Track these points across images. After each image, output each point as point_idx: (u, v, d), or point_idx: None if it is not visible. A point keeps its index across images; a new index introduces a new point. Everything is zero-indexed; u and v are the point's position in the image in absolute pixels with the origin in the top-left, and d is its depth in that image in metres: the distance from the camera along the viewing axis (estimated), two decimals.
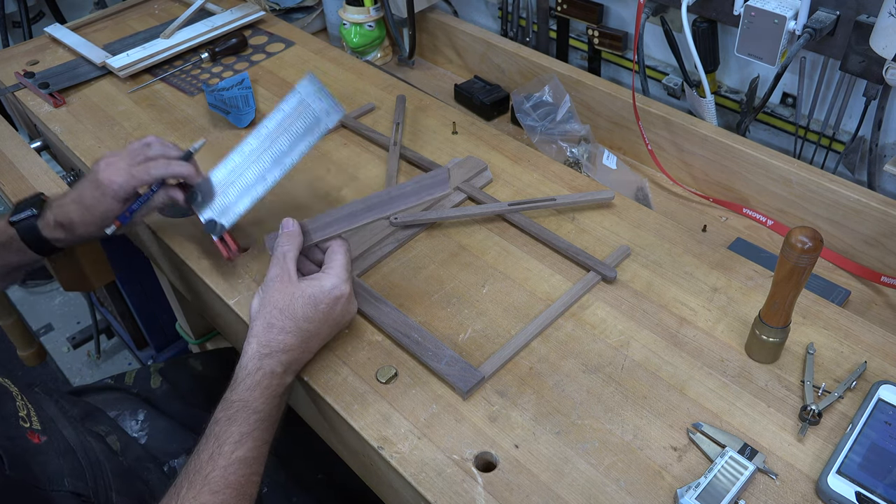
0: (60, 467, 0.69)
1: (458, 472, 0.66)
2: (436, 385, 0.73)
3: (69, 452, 0.73)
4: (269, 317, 0.70)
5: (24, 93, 1.22)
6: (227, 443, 0.65)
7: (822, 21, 0.89)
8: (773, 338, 0.71)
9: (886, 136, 0.96)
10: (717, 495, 0.62)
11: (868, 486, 0.62)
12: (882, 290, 0.91)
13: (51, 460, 0.69)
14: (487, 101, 1.25)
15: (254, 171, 0.83)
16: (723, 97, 1.11)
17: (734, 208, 1.04)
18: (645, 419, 0.69)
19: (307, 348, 0.72)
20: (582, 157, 1.08)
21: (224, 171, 0.84)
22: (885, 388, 0.68)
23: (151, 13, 1.44)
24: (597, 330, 0.78)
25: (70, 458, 0.72)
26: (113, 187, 0.79)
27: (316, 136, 0.82)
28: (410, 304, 0.82)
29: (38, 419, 0.72)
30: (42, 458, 0.69)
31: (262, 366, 0.68)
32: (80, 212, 0.81)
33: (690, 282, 0.82)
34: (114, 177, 0.80)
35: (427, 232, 0.91)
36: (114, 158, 0.82)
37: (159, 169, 0.81)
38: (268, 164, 0.83)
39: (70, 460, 0.72)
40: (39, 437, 0.70)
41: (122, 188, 0.80)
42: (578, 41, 1.27)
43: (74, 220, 0.81)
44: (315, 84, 0.83)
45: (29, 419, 0.71)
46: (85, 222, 0.81)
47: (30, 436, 0.69)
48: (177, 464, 0.90)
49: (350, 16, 1.33)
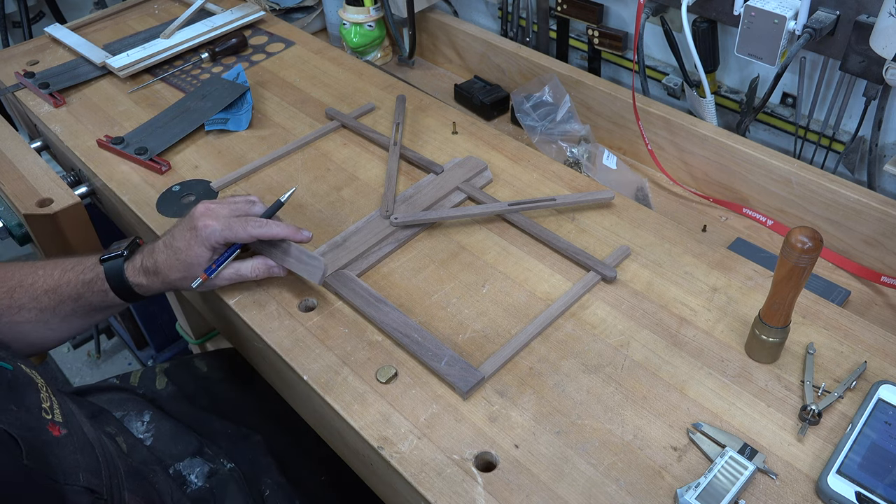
0: (77, 462, 0.69)
1: (458, 472, 0.66)
2: (436, 385, 0.73)
3: (87, 447, 0.73)
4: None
5: (24, 93, 1.22)
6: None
7: (822, 21, 0.89)
8: (773, 338, 0.71)
9: (886, 136, 0.96)
10: (717, 495, 0.62)
11: (868, 486, 0.62)
12: (882, 290, 0.91)
13: (68, 454, 0.69)
14: (487, 101, 1.25)
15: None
16: (723, 97, 1.11)
17: (734, 208, 1.04)
18: (645, 419, 0.69)
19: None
20: (582, 157, 1.08)
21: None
22: (885, 388, 0.68)
23: (151, 13, 1.44)
24: (597, 330, 0.78)
25: (87, 454, 0.72)
26: (206, 231, 0.77)
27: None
28: (410, 304, 0.82)
29: (61, 412, 0.72)
30: (60, 451, 0.68)
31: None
32: (168, 255, 0.78)
33: (690, 282, 0.82)
34: (210, 221, 0.77)
35: (427, 232, 0.91)
36: (214, 205, 0.79)
37: (258, 228, 0.78)
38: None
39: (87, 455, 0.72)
40: (60, 430, 0.70)
41: (215, 234, 0.77)
42: (578, 41, 1.27)
43: (160, 263, 0.79)
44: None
45: (51, 411, 0.71)
46: (171, 266, 0.78)
47: (50, 427, 0.69)
48: (181, 466, 0.90)
49: (350, 16, 1.33)
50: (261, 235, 0.79)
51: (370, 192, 0.97)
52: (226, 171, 1.02)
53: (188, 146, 1.08)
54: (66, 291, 0.81)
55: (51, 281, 0.81)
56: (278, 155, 1.04)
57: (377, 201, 0.96)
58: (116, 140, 1.06)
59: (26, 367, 0.73)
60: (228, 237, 0.78)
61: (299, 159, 1.04)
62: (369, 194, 0.97)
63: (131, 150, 1.05)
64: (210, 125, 1.10)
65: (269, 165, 1.03)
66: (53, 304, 0.80)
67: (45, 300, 0.80)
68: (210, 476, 0.89)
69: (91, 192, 1.11)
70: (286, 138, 1.08)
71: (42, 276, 0.81)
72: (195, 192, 0.99)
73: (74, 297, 0.81)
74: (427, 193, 0.94)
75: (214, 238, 0.77)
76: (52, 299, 0.80)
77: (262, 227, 0.79)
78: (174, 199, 0.98)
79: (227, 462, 0.91)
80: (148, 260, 0.80)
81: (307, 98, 1.16)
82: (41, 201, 0.98)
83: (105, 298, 0.81)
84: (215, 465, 0.90)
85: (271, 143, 1.07)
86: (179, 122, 1.11)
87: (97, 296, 0.81)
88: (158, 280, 0.80)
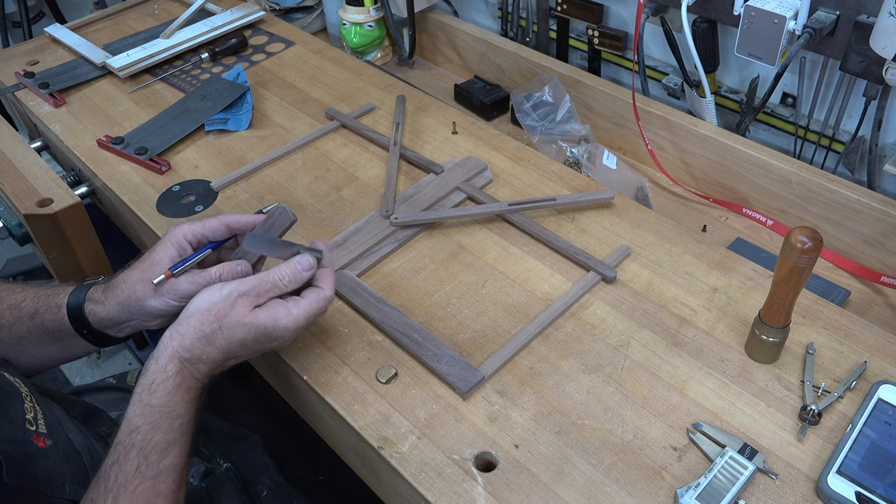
0: (63, 473, 0.69)
1: (458, 471, 0.66)
2: (436, 385, 0.73)
3: (73, 456, 0.72)
4: (208, 328, 0.66)
5: (24, 93, 1.22)
6: (154, 452, 0.62)
7: (822, 21, 0.89)
8: (773, 338, 0.71)
9: (886, 136, 0.96)
10: (717, 495, 0.62)
11: (868, 486, 0.62)
12: (882, 290, 0.91)
13: (54, 465, 0.68)
14: (487, 101, 1.25)
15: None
16: (723, 97, 1.11)
17: (734, 208, 1.04)
18: (645, 419, 0.69)
19: (225, 365, 0.69)
20: (582, 157, 1.08)
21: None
22: (885, 388, 0.68)
23: (151, 13, 1.44)
24: (597, 330, 0.78)
25: (74, 463, 0.71)
26: (173, 229, 0.73)
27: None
28: (410, 304, 0.82)
29: (45, 422, 0.71)
30: (46, 462, 0.68)
31: (181, 369, 0.66)
32: (129, 268, 0.74)
33: (690, 282, 0.82)
34: (182, 225, 0.74)
35: (427, 232, 0.91)
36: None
37: (228, 216, 0.75)
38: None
39: (73, 465, 0.71)
40: (45, 441, 0.69)
41: (182, 228, 0.73)
42: (578, 41, 1.27)
43: (118, 276, 0.74)
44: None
45: (35, 422, 0.70)
46: (130, 270, 0.73)
47: (35, 439, 0.69)
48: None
49: (350, 16, 1.33)
50: (231, 221, 0.74)
51: (370, 192, 0.97)
52: (226, 171, 1.02)
53: (188, 146, 1.08)
54: (26, 306, 0.76)
55: (20, 296, 0.77)
56: (278, 155, 1.04)
57: (377, 201, 0.96)
58: (116, 140, 1.06)
59: (10, 375, 0.72)
60: (198, 229, 0.74)
61: (299, 159, 1.04)
62: (369, 194, 0.97)
63: (131, 150, 1.05)
64: (210, 125, 1.10)
65: (269, 165, 1.03)
66: (12, 320, 0.76)
67: (6, 315, 0.76)
68: (206, 475, 0.89)
69: (91, 192, 1.11)
70: (286, 138, 1.08)
71: (19, 292, 0.77)
72: (195, 192, 0.99)
73: (31, 312, 0.76)
74: (427, 193, 0.94)
75: (185, 234, 0.73)
76: (13, 315, 0.76)
77: (228, 216, 0.75)
78: (174, 199, 0.98)
79: (223, 461, 0.91)
80: (113, 278, 0.75)
81: (307, 98, 1.16)
82: (41, 201, 0.97)
83: (57, 317, 0.75)
84: (211, 465, 0.90)
85: (271, 143, 1.07)
86: (179, 122, 1.11)
87: (51, 312, 0.75)
88: (113, 294, 0.73)
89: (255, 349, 0.69)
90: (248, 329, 0.67)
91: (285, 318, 0.68)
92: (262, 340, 0.68)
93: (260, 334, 0.68)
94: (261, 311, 0.68)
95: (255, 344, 0.68)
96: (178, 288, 0.71)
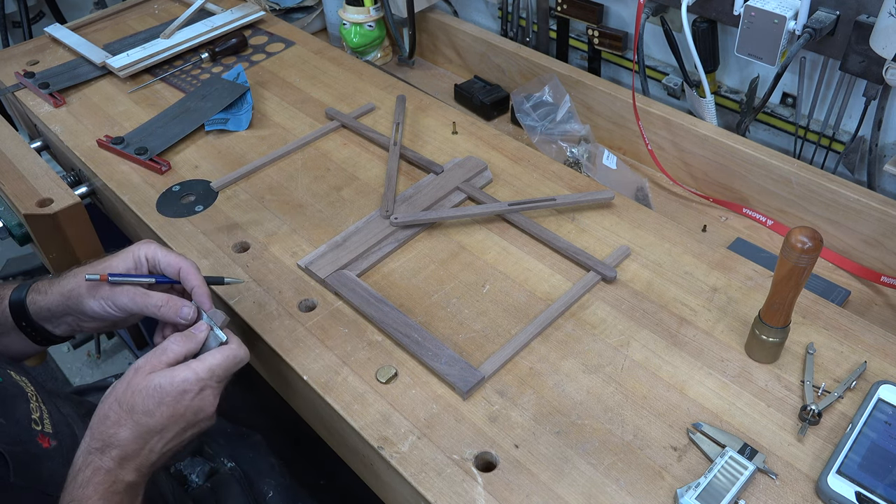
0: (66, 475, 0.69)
1: (458, 471, 0.66)
2: (436, 385, 0.73)
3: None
4: (107, 408, 0.64)
5: (24, 93, 1.22)
6: None
7: (822, 21, 0.89)
8: (773, 338, 0.71)
9: (886, 136, 0.96)
10: (717, 495, 0.62)
11: (868, 486, 0.62)
12: (882, 290, 0.91)
13: (59, 466, 0.68)
14: (487, 101, 1.25)
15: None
16: (723, 97, 1.11)
17: (734, 208, 1.04)
18: (645, 419, 0.69)
19: (148, 446, 0.65)
20: (582, 157, 1.08)
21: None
22: (885, 388, 0.68)
23: (151, 13, 1.44)
24: (597, 330, 0.78)
25: None
26: (141, 246, 0.73)
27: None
28: (410, 304, 0.82)
29: (51, 421, 0.71)
30: (51, 463, 0.68)
31: (90, 461, 0.62)
32: (93, 265, 0.74)
33: (690, 282, 0.82)
34: (151, 244, 0.74)
35: (427, 232, 0.91)
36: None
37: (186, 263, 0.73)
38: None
39: None
40: (50, 441, 0.69)
41: (148, 251, 0.73)
42: (578, 41, 1.27)
43: (76, 268, 0.74)
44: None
45: (41, 422, 0.70)
46: (86, 267, 0.73)
47: (40, 439, 0.69)
48: (182, 466, 0.90)
49: (350, 16, 1.33)
50: (185, 271, 0.72)
51: (370, 192, 0.97)
52: (226, 171, 1.02)
53: (188, 146, 1.08)
54: None
55: None
56: (278, 155, 1.04)
57: (377, 201, 0.96)
58: (116, 140, 1.06)
59: (16, 374, 0.72)
60: (158, 255, 0.73)
61: (299, 159, 1.04)
62: (369, 194, 0.97)
63: (131, 150, 1.05)
64: (210, 125, 1.10)
65: (269, 165, 1.03)
66: None
67: None
68: (210, 475, 0.89)
69: (91, 192, 1.11)
70: (286, 138, 1.08)
71: None
72: (195, 192, 0.99)
73: None
74: (427, 193, 0.94)
75: (144, 250, 0.73)
76: None
77: (186, 264, 0.73)
78: (174, 199, 0.98)
79: (227, 461, 0.91)
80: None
81: (307, 98, 1.16)
82: (41, 201, 0.97)
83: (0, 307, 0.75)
84: (215, 465, 0.90)
85: (271, 143, 1.07)
86: (179, 122, 1.11)
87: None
88: (58, 284, 0.73)
89: (170, 412, 0.65)
90: (145, 394, 0.64)
91: (184, 372, 0.65)
92: (166, 395, 0.64)
93: (158, 389, 0.64)
94: (156, 374, 0.65)
95: (160, 403, 0.64)
96: (116, 297, 0.71)
